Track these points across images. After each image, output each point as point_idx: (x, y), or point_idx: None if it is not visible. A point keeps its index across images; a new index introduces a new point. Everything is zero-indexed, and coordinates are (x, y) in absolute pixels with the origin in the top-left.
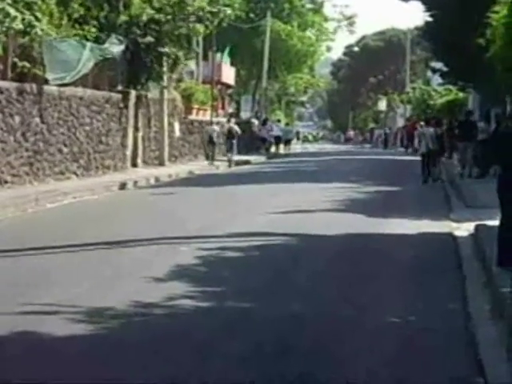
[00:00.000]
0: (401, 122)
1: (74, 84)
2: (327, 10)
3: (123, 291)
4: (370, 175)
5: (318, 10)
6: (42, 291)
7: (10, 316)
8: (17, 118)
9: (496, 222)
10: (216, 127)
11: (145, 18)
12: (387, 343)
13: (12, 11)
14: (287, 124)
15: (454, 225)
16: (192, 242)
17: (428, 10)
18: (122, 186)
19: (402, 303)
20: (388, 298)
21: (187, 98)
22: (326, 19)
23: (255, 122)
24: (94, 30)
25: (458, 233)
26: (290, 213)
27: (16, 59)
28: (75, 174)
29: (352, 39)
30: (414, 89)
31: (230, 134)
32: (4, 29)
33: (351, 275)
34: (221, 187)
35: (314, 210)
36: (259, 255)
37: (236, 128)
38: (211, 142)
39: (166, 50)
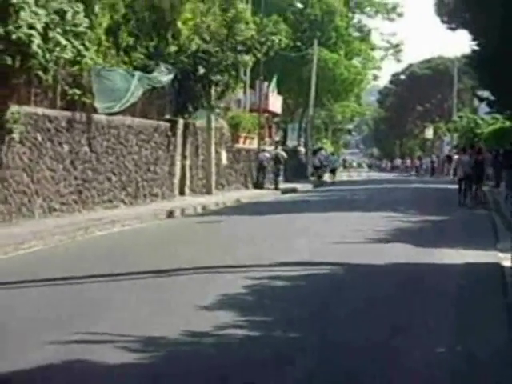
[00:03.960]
0: (447, 151)
1: (122, 113)
2: (374, 38)
3: (173, 320)
4: (416, 204)
5: (364, 39)
6: (93, 319)
7: (63, 345)
8: (66, 147)
9: None
10: (267, 154)
11: (193, 47)
12: (437, 374)
13: (62, 40)
14: (333, 153)
15: (501, 255)
16: (240, 270)
17: (475, 38)
18: (170, 215)
19: (449, 333)
20: (435, 328)
21: (234, 126)
22: (372, 47)
23: (302, 150)
24: (141, 58)
25: (505, 263)
26: (337, 242)
27: (66, 87)
28: (123, 202)
29: (399, 67)
30: (460, 117)
31: (277, 160)
32: (54, 58)
33: (398, 305)
34: (268, 216)
35: (361, 239)
36: (306, 285)
37: (283, 153)
38: (262, 168)
39: (215, 78)
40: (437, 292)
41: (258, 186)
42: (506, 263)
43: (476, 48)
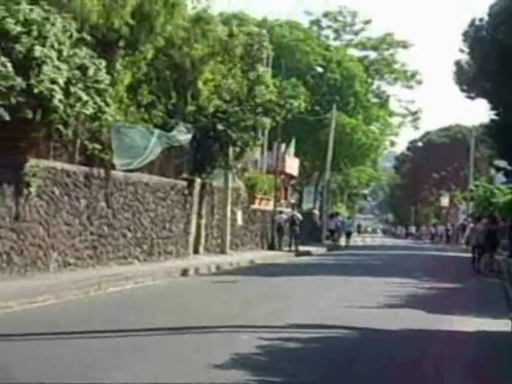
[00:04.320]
0: (462, 219)
1: (140, 170)
2: (392, 104)
3: (183, 378)
4: (430, 271)
5: (383, 105)
6: (102, 375)
7: None
8: (83, 202)
9: None
10: (284, 215)
11: (212, 108)
12: None
13: (84, 96)
14: (348, 217)
15: None
16: (252, 330)
17: (493, 108)
18: (184, 273)
19: None
20: None
21: (251, 187)
22: (390, 114)
23: (317, 212)
24: (161, 116)
25: None
26: (350, 306)
27: (86, 142)
28: (137, 258)
29: (416, 134)
30: (477, 186)
31: (292, 222)
32: (75, 113)
33: (409, 373)
34: (282, 277)
35: (374, 303)
36: (318, 347)
37: (298, 215)
38: (279, 230)
39: (234, 135)
40: (450, 358)
41: (272, 247)
42: None
43: (494, 117)
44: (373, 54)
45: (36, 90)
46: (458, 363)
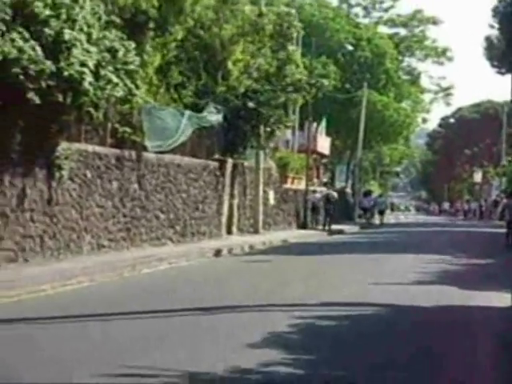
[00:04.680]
0: (495, 195)
1: (172, 151)
2: (424, 81)
3: (219, 356)
4: (463, 247)
5: (414, 82)
6: (140, 354)
7: (109, 378)
8: (115, 184)
9: None
10: (318, 195)
11: (242, 88)
12: None
13: (114, 78)
14: (381, 195)
15: None
16: (286, 309)
17: None
18: (217, 253)
19: (496, 378)
20: (482, 373)
21: (282, 166)
22: (422, 91)
23: (349, 191)
24: (191, 96)
25: None
26: (384, 283)
27: (117, 125)
28: (171, 240)
29: (448, 111)
30: (509, 162)
31: (327, 201)
32: (105, 95)
33: (445, 349)
34: (315, 256)
35: (408, 280)
36: (352, 325)
37: (334, 194)
38: (314, 209)
39: (266, 113)
40: (483, 335)
41: (304, 226)
42: None
43: None
44: (403, 31)
45: (66, 74)
46: (492, 339)
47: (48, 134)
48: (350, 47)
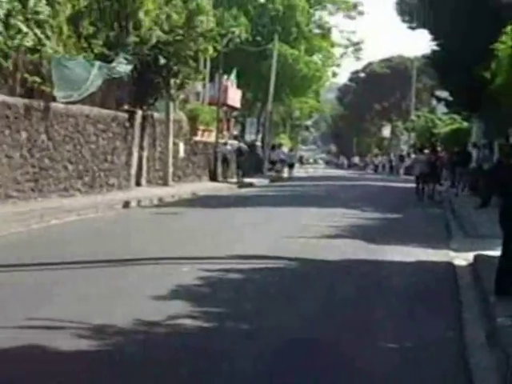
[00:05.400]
0: (404, 149)
1: (81, 102)
2: (334, 35)
3: (125, 309)
4: (372, 201)
5: (325, 36)
6: (46, 307)
7: (14, 329)
8: (23, 134)
9: (495, 253)
10: (229, 147)
11: (154, 39)
12: (384, 368)
13: (24, 28)
14: (291, 149)
15: (453, 254)
16: (194, 262)
17: (435, 38)
18: (126, 205)
19: (399, 329)
20: (385, 324)
21: (193, 119)
22: (332, 45)
23: (259, 144)
24: (101, 47)
25: (456, 262)
26: (292, 237)
27: (26, 75)
28: (79, 191)
29: (358, 65)
30: (418, 116)
31: (239, 153)
32: (15, 45)
33: (350, 301)
34: (224, 209)
35: (316, 234)
36: (260, 278)
37: (245, 147)
38: (225, 161)
39: (175, 69)
40: (389, 288)
41: (215, 178)
42: (458, 262)
43: (436, 48)
44: None
45: None
46: (396, 293)
47: None
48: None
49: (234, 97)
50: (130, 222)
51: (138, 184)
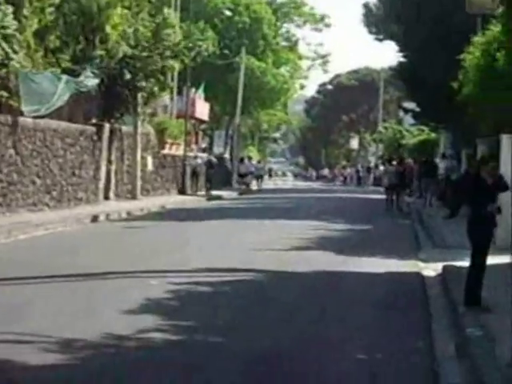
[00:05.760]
0: (372, 161)
1: (49, 116)
2: (302, 47)
3: (95, 323)
4: (341, 213)
5: (292, 48)
6: (14, 321)
7: None
8: None
9: (463, 263)
10: (199, 160)
11: (121, 53)
12: (352, 381)
13: None
14: (259, 161)
15: (422, 264)
16: (162, 276)
17: (401, 50)
18: (94, 219)
19: (368, 341)
20: (355, 336)
21: (161, 132)
22: (300, 57)
23: (227, 157)
24: (68, 61)
25: (425, 272)
26: (262, 249)
27: None
28: (47, 205)
29: (326, 77)
30: (386, 128)
31: (209, 166)
32: None
33: (319, 313)
34: (193, 222)
35: (286, 246)
36: (229, 291)
37: (215, 160)
38: (195, 174)
39: (141, 84)
40: (358, 299)
41: (183, 192)
42: (427, 272)
43: (403, 60)
44: None
45: None
46: (365, 304)
47: None
48: (228, 12)
49: (202, 110)
50: (98, 236)
51: (107, 198)
